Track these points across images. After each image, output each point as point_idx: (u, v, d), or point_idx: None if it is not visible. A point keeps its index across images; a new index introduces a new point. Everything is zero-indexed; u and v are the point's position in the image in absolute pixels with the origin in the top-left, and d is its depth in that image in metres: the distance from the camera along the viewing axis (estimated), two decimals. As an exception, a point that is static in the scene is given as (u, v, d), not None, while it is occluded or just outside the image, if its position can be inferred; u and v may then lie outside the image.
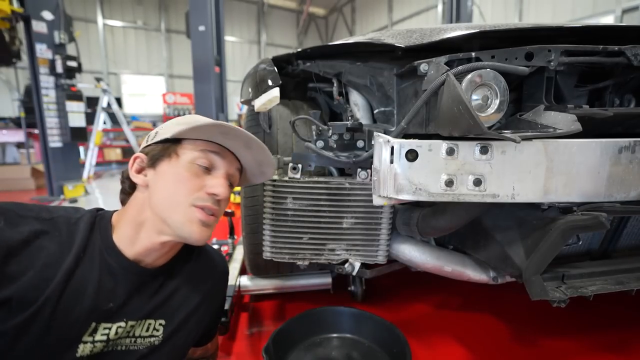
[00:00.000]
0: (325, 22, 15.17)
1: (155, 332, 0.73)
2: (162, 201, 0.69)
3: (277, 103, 1.11)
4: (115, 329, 0.67)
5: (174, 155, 0.71)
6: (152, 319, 0.72)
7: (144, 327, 0.72)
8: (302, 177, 1.09)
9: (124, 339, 0.69)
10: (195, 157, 0.71)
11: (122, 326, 0.67)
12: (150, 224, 0.69)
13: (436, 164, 0.73)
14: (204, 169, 0.71)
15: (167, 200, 0.68)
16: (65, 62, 4.20)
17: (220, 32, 4.70)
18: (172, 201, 0.68)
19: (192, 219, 0.68)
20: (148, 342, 0.72)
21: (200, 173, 0.70)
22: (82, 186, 4.68)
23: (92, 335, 0.64)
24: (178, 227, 0.68)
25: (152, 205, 0.69)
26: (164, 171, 0.70)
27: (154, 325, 0.73)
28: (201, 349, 0.95)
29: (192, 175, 0.69)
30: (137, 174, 0.72)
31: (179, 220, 0.68)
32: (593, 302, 0.92)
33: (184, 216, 0.68)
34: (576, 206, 0.80)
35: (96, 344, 0.64)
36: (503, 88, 0.71)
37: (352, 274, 1.17)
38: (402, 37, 0.94)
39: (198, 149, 0.71)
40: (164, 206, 0.68)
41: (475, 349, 1.30)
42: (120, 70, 10.84)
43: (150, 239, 0.69)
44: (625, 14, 6.48)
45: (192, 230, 0.68)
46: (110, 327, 0.66)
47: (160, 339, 0.73)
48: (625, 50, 0.75)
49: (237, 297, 1.58)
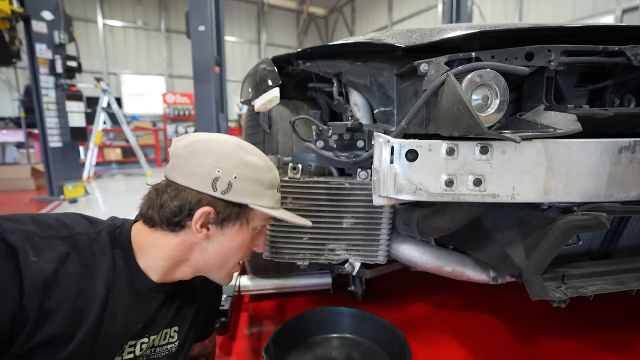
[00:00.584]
0: (325, 22, 15.16)
1: (171, 340, 0.76)
2: (218, 261, 0.71)
3: (277, 103, 1.11)
4: (139, 346, 0.69)
5: (244, 223, 0.70)
6: (168, 328, 0.75)
7: (162, 337, 0.74)
8: (302, 177, 1.09)
9: (147, 350, 0.71)
10: (261, 225, 0.75)
11: (145, 342, 0.70)
12: (193, 265, 0.70)
13: (436, 164, 0.73)
14: None
15: (223, 262, 0.72)
16: (65, 62, 4.20)
17: (220, 32, 4.70)
18: (227, 262, 0.73)
19: (232, 273, 0.76)
20: (166, 350, 0.75)
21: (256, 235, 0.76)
22: (82, 186, 4.68)
23: (120, 355, 0.65)
24: (215, 275, 0.74)
25: (205, 256, 0.70)
26: (231, 235, 0.69)
27: (169, 333, 0.75)
28: (199, 346, 0.96)
29: (251, 240, 0.74)
30: (201, 228, 0.67)
31: (222, 275, 0.74)
32: (593, 302, 0.92)
33: (229, 273, 0.75)
34: (576, 206, 0.80)
35: None
36: (503, 88, 0.71)
37: (352, 274, 1.17)
38: (402, 37, 0.94)
39: (266, 219, 0.75)
40: (217, 264, 0.72)
41: (475, 349, 1.29)
42: (120, 70, 10.83)
43: (186, 274, 0.72)
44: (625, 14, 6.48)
45: (226, 281, 0.76)
46: (134, 344, 0.68)
47: (177, 345, 0.77)
48: (626, 50, 0.75)
49: (237, 297, 1.58)
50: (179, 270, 0.70)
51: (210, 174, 0.65)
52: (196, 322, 0.82)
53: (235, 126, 8.98)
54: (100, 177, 6.58)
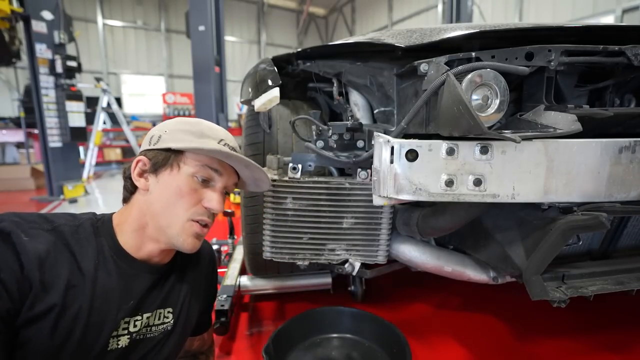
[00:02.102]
0: (325, 22, 15.17)
1: (165, 320, 0.78)
2: (161, 211, 0.71)
3: (277, 103, 1.11)
4: (133, 323, 0.72)
5: (175, 167, 0.72)
6: (162, 308, 0.78)
7: (157, 317, 0.77)
8: (302, 177, 1.09)
9: (142, 329, 0.74)
10: (196, 171, 0.72)
11: (139, 319, 0.73)
12: (150, 232, 0.73)
13: (436, 164, 0.73)
14: (202, 182, 0.73)
15: (166, 212, 0.71)
16: (65, 62, 4.20)
17: (220, 32, 4.70)
18: (171, 214, 0.71)
19: (188, 232, 0.72)
20: (162, 329, 0.78)
21: (199, 187, 0.73)
22: (82, 186, 4.68)
23: (116, 331, 0.69)
24: (174, 237, 0.72)
25: (151, 214, 0.72)
26: (165, 181, 0.72)
27: (164, 314, 0.78)
28: (198, 340, 0.98)
29: (191, 190, 0.72)
30: (138, 177, 0.73)
31: (175, 232, 0.71)
32: (593, 302, 0.92)
33: (181, 229, 0.71)
34: (576, 206, 0.80)
35: (120, 338, 0.70)
36: (503, 88, 0.71)
37: (352, 274, 1.17)
38: (402, 37, 0.94)
39: (200, 164, 0.73)
40: (162, 217, 0.71)
41: (475, 349, 1.30)
42: (120, 70, 10.84)
43: (152, 248, 0.74)
44: (626, 14, 6.48)
45: (187, 242, 0.72)
46: (129, 321, 0.71)
47: (172, 324, 0.79)
48: (626, 50, 0.75)
49: (237, 297, 1.58)
50: (147, 245, 0.73)
51: (151, 136, 0.75)
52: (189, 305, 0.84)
53: (235, 126, 8.97)
54: (100, 177, 6.58)
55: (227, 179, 0.77)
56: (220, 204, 0.74)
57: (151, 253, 0.74)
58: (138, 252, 0.73)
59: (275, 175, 1.09)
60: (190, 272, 0.87)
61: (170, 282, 0.80)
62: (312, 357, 1.19)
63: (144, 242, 0.73)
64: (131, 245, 0.72)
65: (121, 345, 0.70)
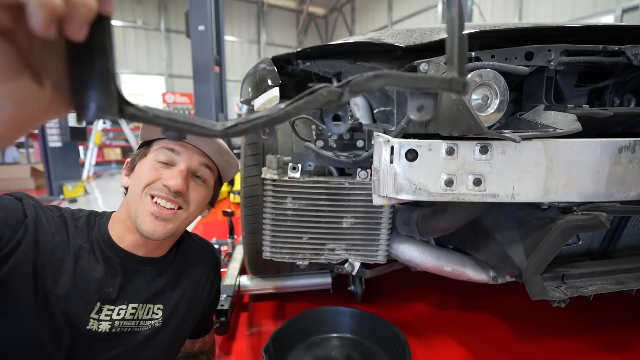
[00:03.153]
0: (325, 22, 15.17)
1: (155, 316, 0.79)
2: (131, 197, 0.75)
3: (277, 103, 1.11)
4: (117, 311, 0.73)
5: (144, 157, 0.78)
6: (151, 304, 0.79)
7: (145, 311, 0.78)
8: (302, 177, 1.09)
9: (129, 322, 0.75)
10: (156, 155, 0.77)
11: (124, 309, 0.74)
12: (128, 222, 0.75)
13: (436, 164, 0.73)
14: (164, 164, 0.76)
15: (132, 195, 0.75)
16: (65, 62, 4.19)
17: (220, 32, 4.70)
18: (133, 194, 0.75)
19: (146, 210, 0.72)
20: (150, 325, 0.78)
21: (161, 168, 0.75)
22: (82, 186, 4.68)
23: (98, 314, 0.71)
24: (136, 219, 0.73)
25: (127, 204, 0.76)
26: (136, 171, 0.78)
27: (153, 310, 0.79)
28: (199, 342, 0.98)
29: (152, 170, 0.75)
30: (124, 177, 0.81)
31: (136, 211, 0.73)
32: (593, 302, 0.92)
33: (141, 208, 0.73)
34: (576, 206, 0.80)
35: (102, 323, 0.71)
36: (503, 88, 0.71)
37: (352, 274, 1.17)
38: (402, 37, 0.94)
39: (158, 148, 0.78)
40: (130, 201, 0.75)
41: (475, 349, 1.30)
42: (120, 70, 10.84)
43: (132, 239, 0.75)
44: (626, 14, 6.48)
45: (145, 222, 0.72)
46: (113, 309, 0.73)
47: (161, 321, 0.79)
48: (626, 50, 0.75)
49: (237, 297, 1.58)
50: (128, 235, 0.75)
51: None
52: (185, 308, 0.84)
53: (235, 126, 8.98)
54: (100, 177, 6.58)
55: (188, 158, 0.78)
56: (179, 180, 0.74)
57: (133, 244, 0.75)
58: (122, 242, 0.75)
59: (275, 175, 1.09)
60: (191, 276, 0.86)
61: (165, 280, 0.81)
62: (312, 357, 1.19)
63: (125, 232, 0.75)
64: (116, 234, 0.75)
65: (102, 330, 0.71)
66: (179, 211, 0.75)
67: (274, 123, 0.27)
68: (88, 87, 0.25)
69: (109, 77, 0.25)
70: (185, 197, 0.76)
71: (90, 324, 0.70)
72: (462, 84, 0.30)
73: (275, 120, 0.27)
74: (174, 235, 0.78)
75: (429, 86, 0.30)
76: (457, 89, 0.30)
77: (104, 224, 0.77)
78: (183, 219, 0.76)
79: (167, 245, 0.81)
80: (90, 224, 0.76)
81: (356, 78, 0.27)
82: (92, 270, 0.71)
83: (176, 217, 0.74)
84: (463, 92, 0.30)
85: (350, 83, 0.27)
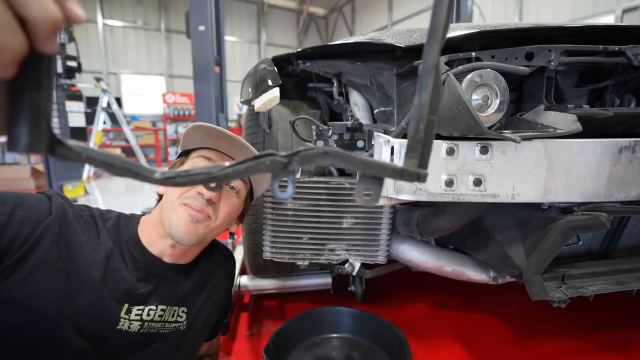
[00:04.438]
0: (325, 22, 15.16)
1: (179, 319, 0.81)
2: (164, 202, 0.78)
3: (277, 103, 1.11)
4: (147, 312, 0.75)
5: (181, 165, 0.81)
6: (177, 306, 0.81)
7: (171, 314, 0.80)
8: (302, 177, 1.09)
9: (157, 323, 0.77)
10: (193, 163, 0.80)
11: (153, 309, 0.76)
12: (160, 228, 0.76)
13: (436, 164, 0.73)
14: None
15: (166, 200, 0.77)
16: (65, 62, 4.19)
17: (220, 32, 4.69)
18: (169, 202, 0.77)
19: (181, 215, 0.75)
20: (174, 327, 0.80)
21: None
22: (82, 186, 4.67)
23: (127, 314, 0.73)
24: (169, 224, 0.74)
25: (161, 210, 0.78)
26: None
27: (178, 312, 0.81)
28: (206, 345, 0.99)
29: None
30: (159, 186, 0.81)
31: (170, 217, 0.75)
32: (593, 302, 0.92)
33: (175, 214, 0.75)
34: (576, 206, 0.80)
35: (132, 322, 0.73)
36: (503, 88, 0.71)
37: (352, 274, 1.17)
38: (402, 37, 0.94)
39: (195, 156, 0.81)
40: (164, 207, 0.77)
41: (475, 349, 1.29)
42: (120, 70, 10.82)
43: (163, 244, 0.77)
44: (626, 14, 6.47)
45: (180, 224, 0.74)
46: (142, 309, 0.74)
47: (185, 324, 0.82)
48: (626, 50, 0.75)
49: (237, 297, 1.58)
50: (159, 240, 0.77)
51: None
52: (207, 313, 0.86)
53: (235, 126, 8.97)
54: (100, 177, 6.58)
55: None
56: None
57: (162, 250, 0.77)
58: (152, 246, 0.77)
59: (275, 175, 1.08)
60: (214, 281, 0.89)
61: (191, 284, 0.83)
62: (312, 357, 1.19)
63: (156, 237, 0.77)
64: (146, 238, 0.77)
65: (132, 329, 0.72)
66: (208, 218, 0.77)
67: (211, 181, 0.27)
68: (19, 120, 0.24)
69: (39, 115, 0.24)
70: (215, 207, 0.78)
71: (120, 323, 0.71)
72: (415, 175, 0.28)
73: (213, 179, 0.27)
74: (202, 243, 0.80)
75: (379, 173, 0.28)
76: (409, 180, 0.28)
77: (133, 227, 0.78)
78: (211, 228, 0.78)
79: (194, 253, 0.83)
80: (119, 225, 0.77)
81: (304, 151, 0.26)
82: (121, 270, 0.72)
83: (207, 221, 0.76)
84: (418, 182, 0.29)
85: (299, 154, 0.27)
